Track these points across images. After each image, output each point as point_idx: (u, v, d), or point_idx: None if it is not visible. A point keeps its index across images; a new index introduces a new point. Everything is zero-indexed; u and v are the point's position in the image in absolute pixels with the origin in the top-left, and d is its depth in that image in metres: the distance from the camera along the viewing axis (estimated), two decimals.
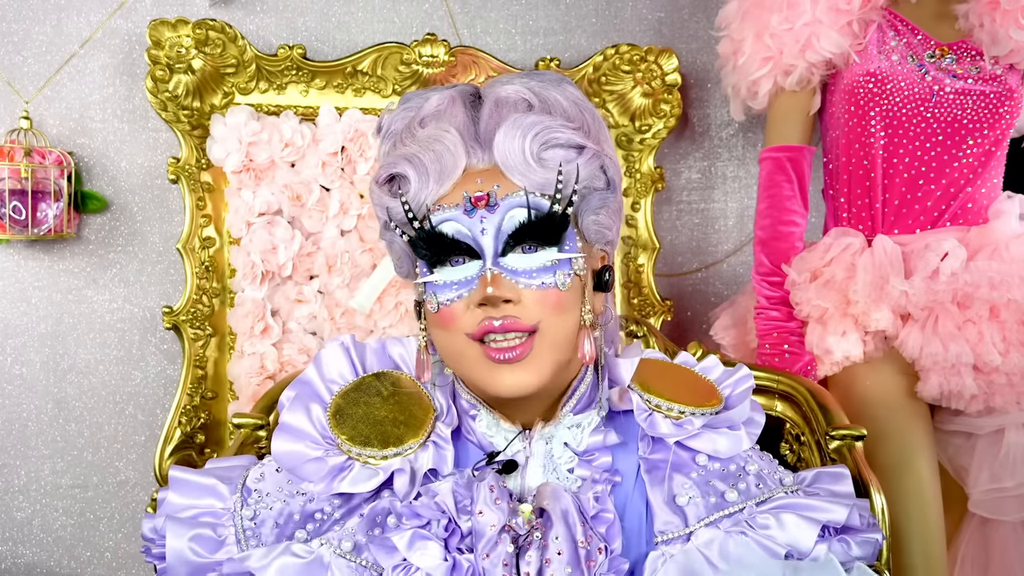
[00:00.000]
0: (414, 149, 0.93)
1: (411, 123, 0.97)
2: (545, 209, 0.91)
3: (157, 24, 1.77)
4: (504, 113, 0.93)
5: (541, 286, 0.91)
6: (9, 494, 1.86)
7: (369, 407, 1.00)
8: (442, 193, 0.93)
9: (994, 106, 1.69)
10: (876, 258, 1.66)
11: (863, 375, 1.66)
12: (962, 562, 1.69)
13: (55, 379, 1.87)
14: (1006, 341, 1.59)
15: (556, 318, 0.91)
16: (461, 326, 0.92)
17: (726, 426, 1.01)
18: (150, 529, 1.00)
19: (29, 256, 1.85)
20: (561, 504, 0.91)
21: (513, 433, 0.98)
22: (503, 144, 0.92)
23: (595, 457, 0.99)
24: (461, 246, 0.92)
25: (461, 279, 0.92)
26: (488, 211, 0.91)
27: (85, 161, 1.86)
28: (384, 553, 0.90)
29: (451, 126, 0.94)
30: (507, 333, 0.90)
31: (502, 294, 0.89)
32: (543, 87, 0.95)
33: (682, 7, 2.13)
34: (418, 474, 0.96)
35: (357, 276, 1.87)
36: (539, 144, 0.91)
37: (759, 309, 1.75)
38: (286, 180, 1.84)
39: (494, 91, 0.96)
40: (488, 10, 2.03)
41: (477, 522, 0.89)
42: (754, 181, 2.03)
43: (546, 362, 0.92)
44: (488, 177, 0.92)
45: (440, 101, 0.96)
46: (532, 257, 0.91)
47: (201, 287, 1.83)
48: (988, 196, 1.74)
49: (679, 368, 1.12)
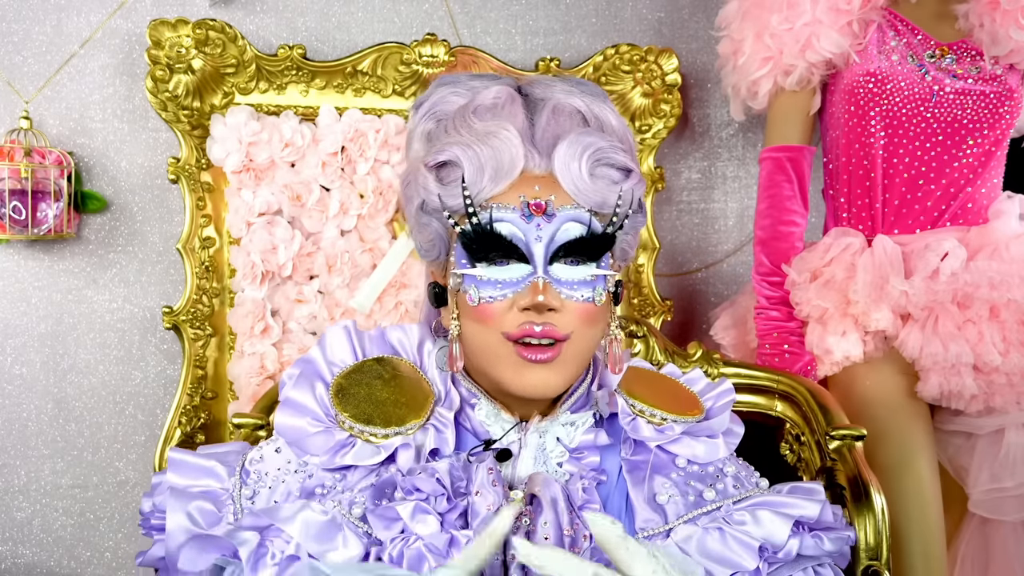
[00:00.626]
0: (469, 139, 0.94)
1: (463, 110, 0.98)
2: (599, 229, 0.95)
3: (157, 24, 1.77)
4: (563, 123, 0.96)
5: (581, 299, 0.94)
6: (9, 494, 1.86)
7: (371, 388, 1.02)
8: (496, 192, 0.94)
9: (994, 106, 1.69)
10: (876, 258, 1.66)
11: (863, 375, 1.66)
12: (962, 562, 1.69)
13: (55, 379, 1.87)
14: (1006, 341, 1.59)
15: (586, 329, 0.95)
16: (499, 324, 0.94)
17: (705, 434, 1.05)
18: (149, 505, 1.03)
19: (29, 256, 1.85)
20: (551, 492, 0.94)
21: (510, 423, 1.01)
22: (564, 157, 0.94)
23: (584, 455, 1.02)
24: (513, 249, 0.93)
25: (507, 279, 0.94)
26: (545, 219, 0.93)
27: (85, 161, 1.86)
28: (383, 526, 0.92)
29: (511, 125, 0.95)
30: (542, 339, 0.93)
31: (551, 303, 0.92)
32: (594, 102, 0.99)
33: (682, 7, 2.13)
34: (423, 451, 0.98)
35: (357, 276, 1.87)
36: (594, 162, 0.95)
37: (759, 309, 1.75)
38: (286, 180, 1.84)
39: (550, 97, 0.98)
40: (488, 10, 2.03)
41: (474, 501, 0.92)
42: (754, 181, 2.03)
43: (570, 367, 0.96)
44: (545, 185, 0.94)
45: (498, 95, 0.97)
46: (575, 270, 0.94)
47: (201, 287, 1.83)
48: (988, 196, 1.74)
49: (664, 378, 1.15)
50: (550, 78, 1.02)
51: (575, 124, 0.96)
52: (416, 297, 1.90)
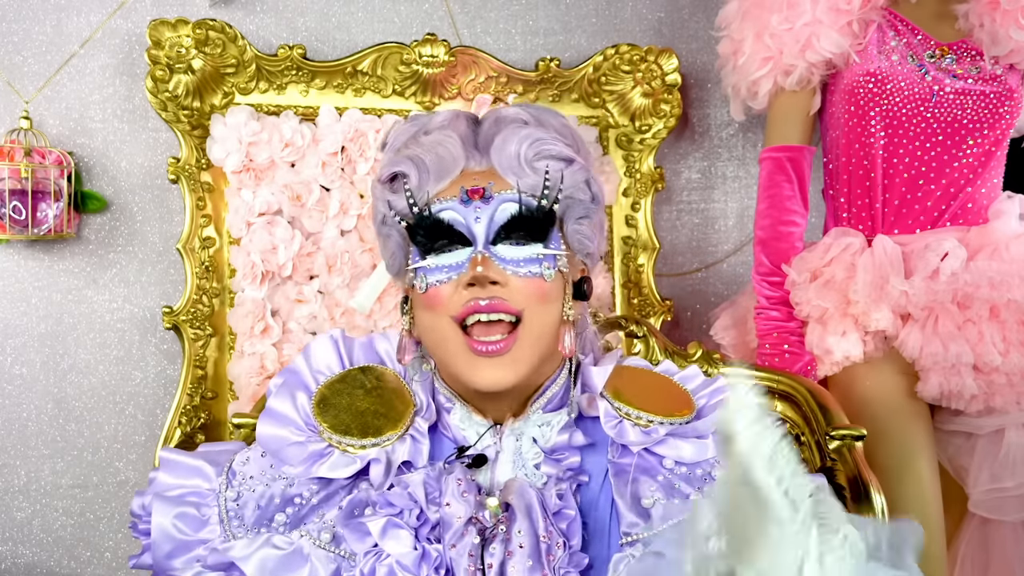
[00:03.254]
0: (416, 151, 1.02)
1: (416, 134, 1.05)
2: (534, 206, 0.99)
3: (157, 24, 1.77)
4: (502, 126, 1.03)
5: (528, 274, 0.97)
6: (9, 494, 1.86)
7: (352, 398, 1.04)
8: (440, 188, 1.01)
9: (994, 106, 1.69)
10: (876, 258, 1.66)
11: (863, 375, 1.66)
12: (962, 562, 1.69)
13: (55, 379, 1.87)
14: (1006, 341, 1.59)
15: (540, 307, 0.98)
16: (447, 308, 0.97)
17: (694, 435, 1.04)
18: (139, 506, 1.06)
19: (29, 256, 1.85)
20: (525, 499, 0.95)
21: (484, 427, 1.02)
22: (500, 148, 1.02)
23: (564, 456, 1.02)
24: (455, 233, 0.98)
25: (452, 263, 0.98)
26: (483, 203, 0.99)
27: (85, 161, 1.86)
28: (356, 538, 0.94)
29: (453, 132, 1.03)
30: (491, 314, 0.95)
31: (490, 275, 0.95)
32: (538, 111, 1.06)
33: (682, 7, 2.13)
34: (393, 465, 1.00)
35: (357, 276, 1.87)
36: (532, 152, 1.01)
37: (759, 309, 1.75)
38: (286, 180, 1.84)
39: (494, 112, 1.06)
40: (488, 10, 2.03)
41: (445, 513, 0.93)
42: (754, 181, 2.03)
43: (526, 358, 0.97)
44: (484, 177, 1.02)
45: (445, 117, 1.06)
46: (520, 248, 0.98)
47: (201, 287, 1.83)
48: (988, 196, 1.74)
49: (656, 376, 1.15)
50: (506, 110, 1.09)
51: (515, 124, 1.03)
52: None
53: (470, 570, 0.91)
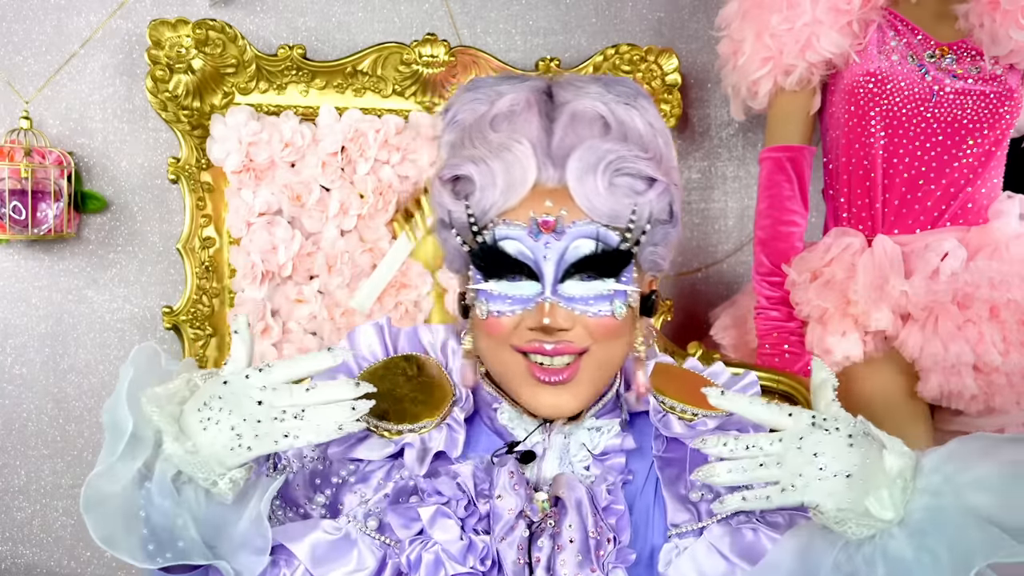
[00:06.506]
0: (483, 153, 0.92)
1: (481, 120, 0.95)
2: (613, 244, 0.91)
3: (157, 24, 1.76)
4: (580, 131, 0.92)
5: (597, 314, 0.92)
6: (9, 494, 1.85)
7: (393, 385, 1.02)
8: (508, 207, 0.92)
9: (994, 106, 1.69)
10: (876, 258, 1.66)
11: (863, 375, 1.66)
12: None
13: (55, 379, 1.87)
14: (1006, 341, 1.59)
15: (606, 344, 0.93)
16: (508, 338, 0.93)
17: (736, 428, 1.03)
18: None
19: (29, 256, 1.85)
20: (576, 494, 0.94)
21: (534, 425, 1.00)
22: (576, 169, 0.90)
23: (609, 457, 1.01)
24: (521, 267, 0.91)
25: (517, 295, 0.92)
26: (554, 237, 0.91)
27: (85, 161, 1.86)
28: (402, 524, 0.93)
29: (524, 136, 0.92)
30: (554, 357, 0.92)
31: (558, 325, 0.90)
32: (619, 104, 0.95)
33: (682, 7, 2.13)
34: (429, 452, 0.98)
35: (357, 276, 1.87)
36: (613, 172, 0.91)
37: (759, 309, 1.75)
38: (286, 180, 1.84)
39: (570, 102, 0.94)
40: (488, 10, 2.03)
41: (495, 505, 0.92)
42: (754, 181, 2.03)
43: (587, 386, 0.95)
44: (557, 199, 0.91)
45: (514, 101, 0.94)
46: (590, 285, 0.92)
47: (201, 287, 1.83)
48: (988, 196, 1.74)
49: (689, 373, 1.14)
50: (584, 78, 0.97)
51: (594, 132, 0.92)
52: (416, 297, 1.90)
53: (519, 563, 0.91)
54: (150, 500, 0.84)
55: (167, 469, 0.85)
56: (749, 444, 0.84)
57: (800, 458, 0.83)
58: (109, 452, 0.84)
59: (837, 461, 0.82)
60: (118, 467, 0.84)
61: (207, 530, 0.87)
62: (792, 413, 0.85)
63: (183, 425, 0.86)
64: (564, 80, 0.98)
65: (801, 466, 0.83)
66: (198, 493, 0.86)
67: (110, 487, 0.83)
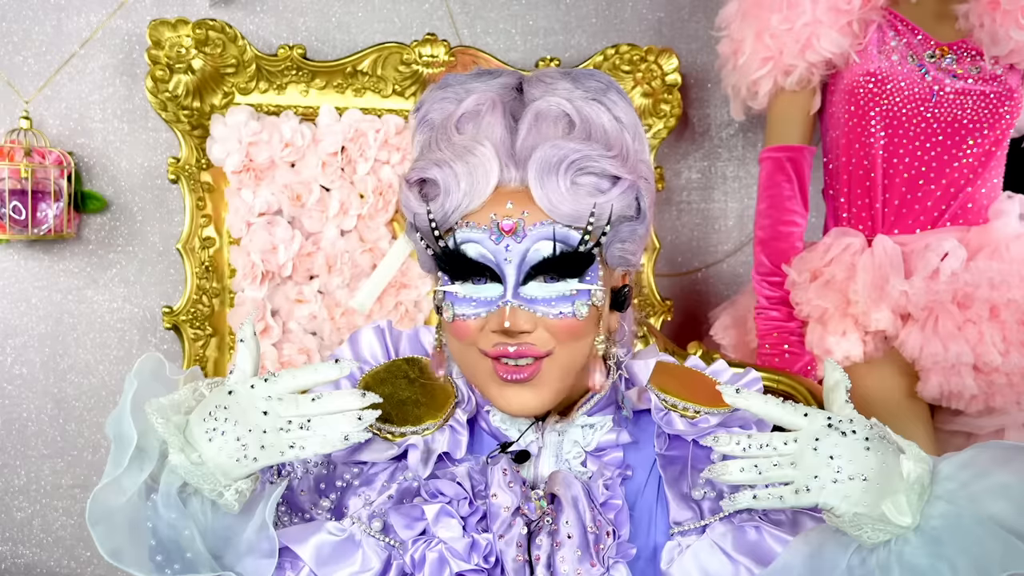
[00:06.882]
0: (447, 156, 0.92)
1: (448, 120, 0.95)
2: (573, 244, 0.91)
3: (157, 24, 1.77)
4: (544, 131, 0.92)
5: (559, 315, 0.92)
6: (9, 494, 1.86)
7: (395, 387, 1.03)
8: (470, 209, 0.92)
9: (994, 106, 1.69)
10: (876, 258, 1.66)
11: (863, 375, 1.66)
12: None
13: (55, 379, 1.87)
14: (1006, 341, 1.59)
15: (569, 345, 0.93)
16: (474, 341, 0.93)
17: (738, 425, 1.03)
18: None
19: (29, 256, 1.85)
20: (572, 490, 0.94)
21: (526, 424, 1.01)
22: (537, 170, 0.90)
23: (606, 453, 1.01)
24: (484, 269, 0.91)
25: (481, 298, 0.92)
26: (514, 239, 0.91)
27: (85, 161, 1.86)
28: (405, 524, 0.93)
29: (487, 138, 0.92)
30: (518, 359, 0.92)
31: (520, 327, 0.90)
32: (586, 100, 0.94)
33: (682, 7, 2.13)
34: (432, 454, 0.99)
35: (357, 276, 1.87)
36: (574, 171, 0.90)
37: (759, 309, 1.75)
38: (286, 180, 1.84)
39: (536, 100, 0.94)
40: (488, 10, 2.03)
41: (492, 503, 0.92)
42: (754, 181, 2.03)
43: (549, 386, 0.94)
44: (519, 200, 0.91)
45: (480, 101, 0.94)
46: (552, 287, 0.92)
47: (201, 287, 1.83)
48: (988, 196, 1.74)
49: (691, 371, 1.13)
50: (554, 73, 0.96)
51: (558, 131, 0.91)
52: (416, 297, 1.90)
53: (519, 560, 0.91)
54: (156, 512, 0.84)
55: (173, 481, 0.85)
56: (763, 443, 0.84)
57: (816, 460, 0.82)
58: (115, 464, 0.83)
59: (853, 464, 0.82)
60: (124, 479, 0.83)
61: (214, 541, 0.87)
62: (808, 413, 0.84)
63: (189, 436, 0.85)
64: (535, 76, 0.97)
65: (817, 468, 0.82)
66: (204, 504, 0.87)
67: (116, 500, 0.83)
